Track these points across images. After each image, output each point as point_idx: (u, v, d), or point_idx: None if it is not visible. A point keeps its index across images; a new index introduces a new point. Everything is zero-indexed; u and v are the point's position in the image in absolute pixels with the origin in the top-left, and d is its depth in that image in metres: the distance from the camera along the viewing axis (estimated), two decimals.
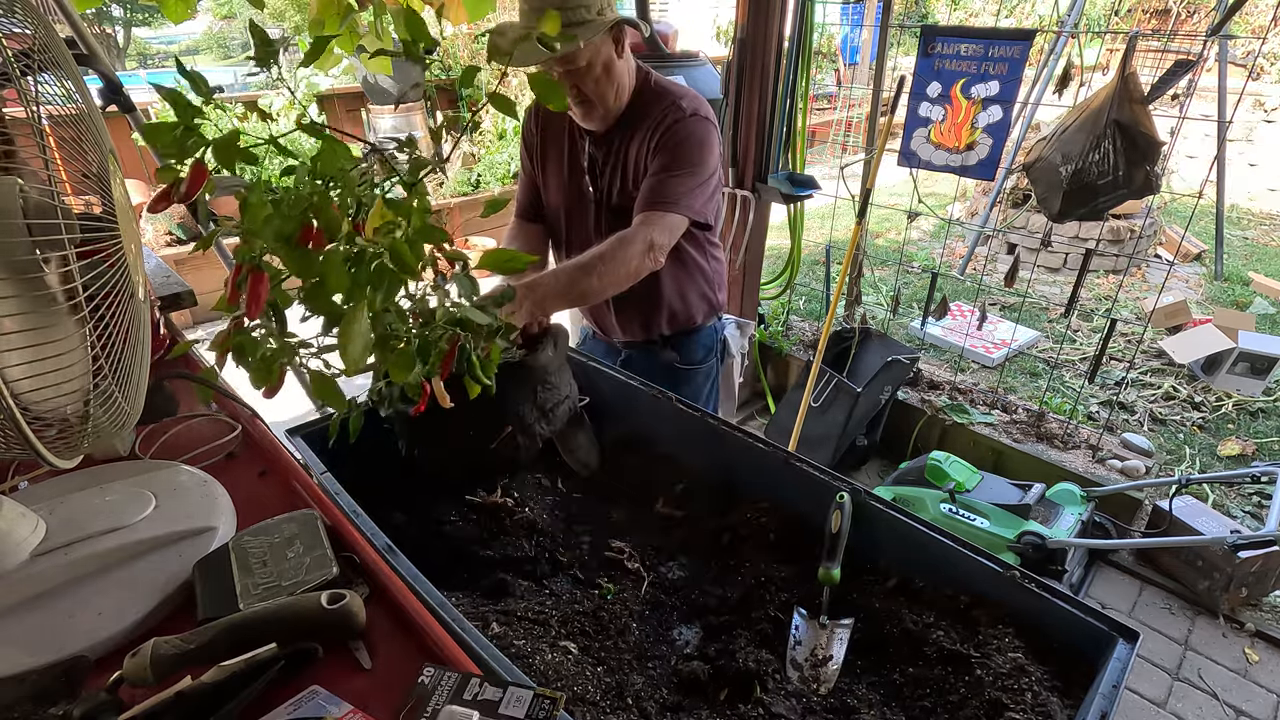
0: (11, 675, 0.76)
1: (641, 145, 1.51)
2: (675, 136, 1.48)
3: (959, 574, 1.06)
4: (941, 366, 3.55)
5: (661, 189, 1.47)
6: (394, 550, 0.99)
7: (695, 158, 1.49)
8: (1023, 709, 0.89)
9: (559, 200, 1.68)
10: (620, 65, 1.46)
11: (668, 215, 1.47)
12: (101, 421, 0.80)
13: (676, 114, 1.49)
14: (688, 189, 1.49)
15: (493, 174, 5.56)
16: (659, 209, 1.46)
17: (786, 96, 2.92)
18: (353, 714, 0.72)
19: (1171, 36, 4.25)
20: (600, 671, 0.99)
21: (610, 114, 1.51)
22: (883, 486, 2.63)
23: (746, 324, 2.08)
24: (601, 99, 1.47)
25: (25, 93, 0.70)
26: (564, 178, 1.65)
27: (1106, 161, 2.30)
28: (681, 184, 1.48)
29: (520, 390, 1.19)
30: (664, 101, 1.51)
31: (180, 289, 1.68)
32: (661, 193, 1.47)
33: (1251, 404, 3.36)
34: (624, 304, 1.71)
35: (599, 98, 1.46)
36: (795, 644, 1.04)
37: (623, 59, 1.47)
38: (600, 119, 1.51)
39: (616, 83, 1.47)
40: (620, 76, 1.47)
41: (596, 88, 1.44)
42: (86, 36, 1.83)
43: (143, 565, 0.91)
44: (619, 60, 1.45)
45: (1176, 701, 2.10)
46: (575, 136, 1.61)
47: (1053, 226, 3.07)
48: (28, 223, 0.69)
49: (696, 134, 1.49)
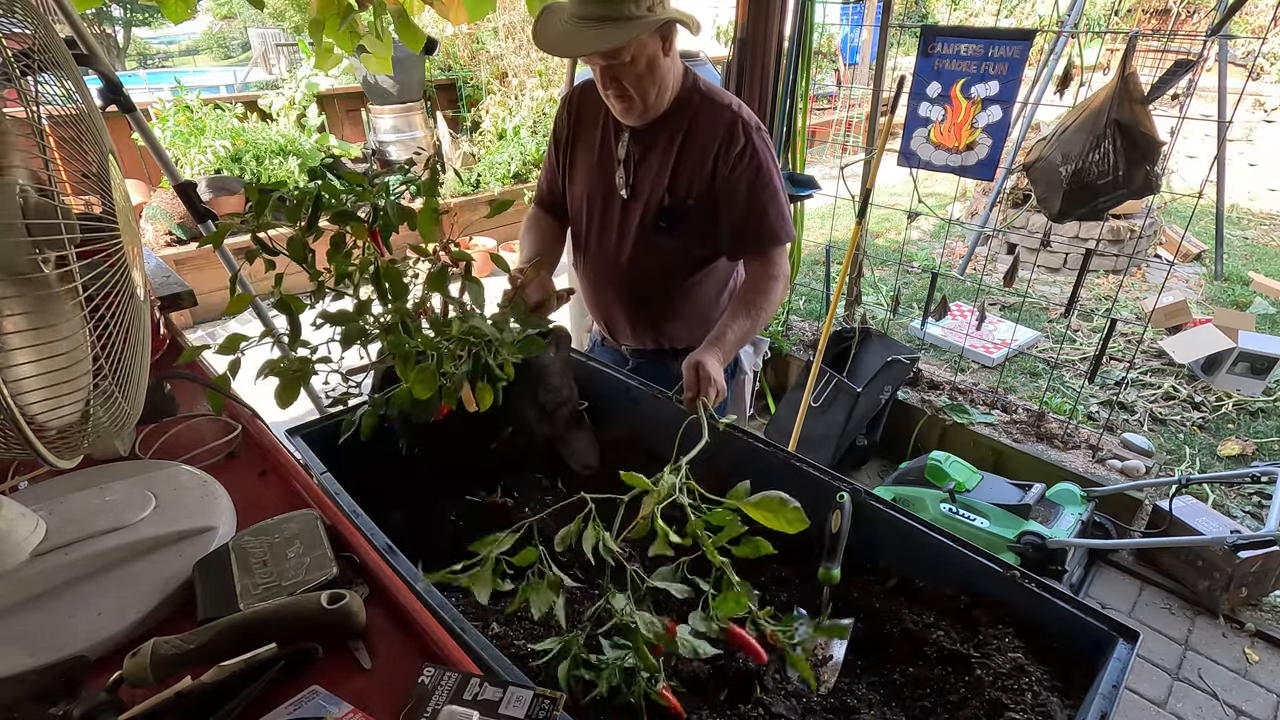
0: (11, 675, 0.76)
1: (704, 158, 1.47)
2: (756, 161, 1.47)
3: (959, 574, 1.06)
4: (941, 366, 3.55)
5: (771, 224, 1.50)
6: (394, 550, 0.99)
7: (777, 178, 1.51)
8: (1023, 709, 0.89)
9: (584, 191, 1.63)
10: (665, 64, 1.42)
11: (783, 248, 1.52)
12: (101, 421, 0.80)
13: (747, 131, 1.47)
14: (783, 214, 1.52)
15: (493, 174, 5.56)
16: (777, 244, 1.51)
17: (786, 96, 2.92)
18: (353, 714, 0.72)
19: (1171, 36, 4.25)
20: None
21: (650, 111, 1.47)
22: (883, 486, 2.63)
23: (761, 341, 2.02)
24: (642, 95, 1.42)
25: (25, 93, 0.70)
26: (593, 169, 1.61)
27: (1106, 161, 2.30)
28: (778, 213, 1.51)
29: (522, 392, 1.19)
30: (723, 112, 1.48)
31: (180, 289, 1.68)
32: (774, 228, 1.51)
33: (1251, 404, 3.36)
34: (640, 309, 1.67)
35: (640, 94, 1.42)
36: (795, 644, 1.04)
37: (669, 57, 1.43)
38: (639, 115, 1.47)
39: (660, 81, 1.43)
40: (664, 75, 1.43)
41: (639, 84, 1.40)
42: (86, 36, 1.82)
43: (143, 565, 0.91)
44: (665, 59, 1.42)
45: (1176, 701, 2.10)
46: (611, 130, 1.57)
47: (1053, 226, 3.07)
48: (28, 223, 0.69)
49: (770, 152, 1.50)
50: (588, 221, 1.65)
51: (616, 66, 1.36)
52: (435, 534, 1.23)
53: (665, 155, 1.51)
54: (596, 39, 1.29)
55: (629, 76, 1.38)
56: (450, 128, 5.94)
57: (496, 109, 5.94)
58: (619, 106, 1.46)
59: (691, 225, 1.52)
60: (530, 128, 5.83)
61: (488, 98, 6.01)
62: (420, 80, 5.62)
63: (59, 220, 0.70)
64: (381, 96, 5.41)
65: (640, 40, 1.33)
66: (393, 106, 5.44)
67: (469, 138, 5.90)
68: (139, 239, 0.93)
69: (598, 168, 1.59)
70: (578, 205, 1.66)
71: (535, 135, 5.81)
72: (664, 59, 1.41)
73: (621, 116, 1.49)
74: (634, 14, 1.29)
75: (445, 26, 5.76)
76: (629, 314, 1.69)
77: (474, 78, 6.18)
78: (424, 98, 5.77)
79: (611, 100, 1.45)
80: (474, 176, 5.55)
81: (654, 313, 1.66)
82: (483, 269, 5.18)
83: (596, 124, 1.59)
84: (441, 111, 5.99)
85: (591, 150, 1.60)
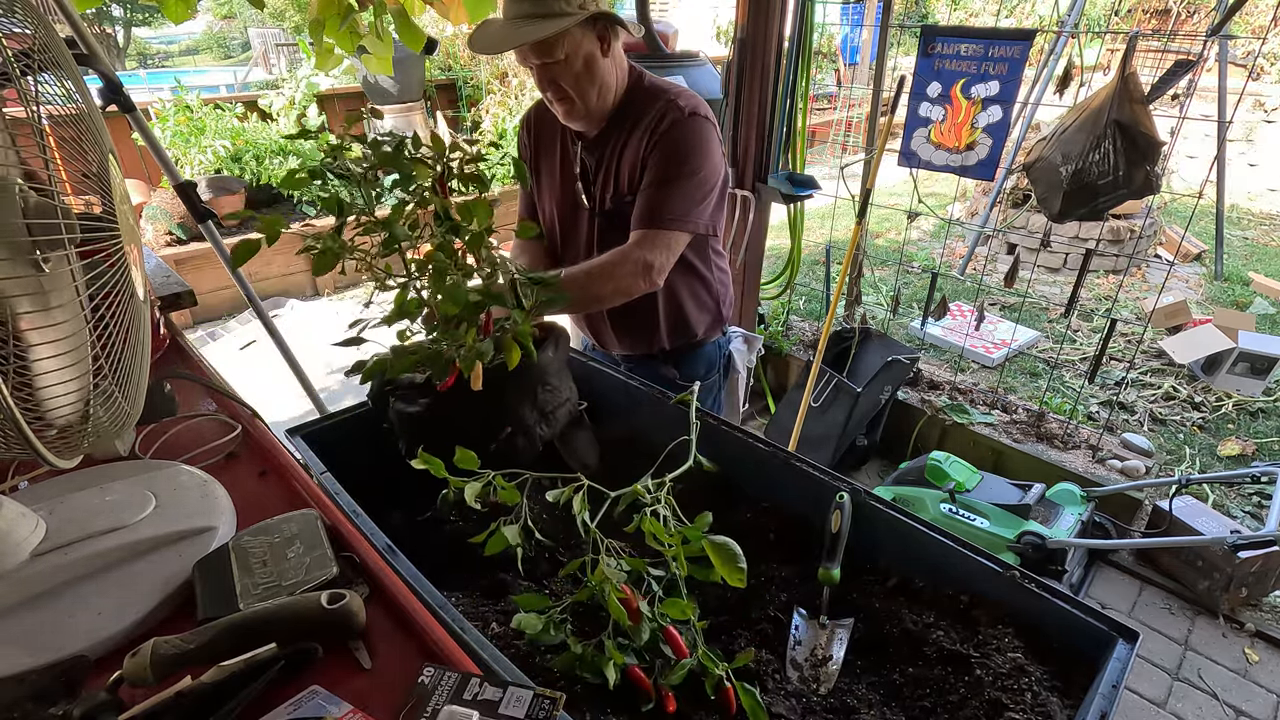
0: (11, 675, 0.76)
1: (637, 148, 1.45)
2: (671, 140, 1.40)
3: (959, 574, 1.06)
4: (941, 366, 3.55)
5: (660, 202, 1.40)
6: (394, 550, 0.99)
7: (695, 163, 1.41)
8: (1023, 709, 0.89)
9: (552, 209, 1.62)
10: (605, 63, 1.39)
11: (666, 233, 1.40)
12: (101, 421, 0.80)
13: (674, 114, 1.41)
14: (689, 200, 1.41)
15: (492, 174, 5.56)
16: (657, 226, 1.40)
17: (786, 96, 2.92)
18: (353, 714, 0.72)
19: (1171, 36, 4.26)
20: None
21: (593, 113, 1.45)
22: (883, 486, 2.63)
23: (755, 339, 1.98)
24: (581, 96, 1.40)
25: (25, 93, 0.70)
26: (557, 186, 1.59)
27: (1106, 161, 2.30)
28: (681, 195, 1.41)
29: (521, 392, 1.19)
30: (658, 101, 1.44)
31: (180, 289, 1.68)
32: (660, 207, 1.40)
33: (1251, 404, 3.36)
34: (619, 317, 1.64)
35: (578, 94, 1.40)
36: (795, 644, 1.04)
37: (609, 57, 1.40)
38: (583, 118, 1.45)
39: (599, 81, 1.40)
40: (604, 75, 1.40)
41: (576, 84, 1.38)
42: (86, 36, 1.82)
43: (143, 565, 0.91)
44: (604, 58, 1.39)
45: (1176, 701, 2.10)
46: (568, 142, 1.55)
47: (1053, 226, 3.07)
48: (28, 223, 0.69)
49: (694, 135, 1.41)
50: (560, 236, 1.64)
51: (553, 66, 1.36)
52: (435, 534, 1.23)
53: (615, 159, 1.49)
54: (527, 33, 1.29)
55: (566, 77, 1.37)
56: (450, 128, 5.94)
57: (496, 109, 5.95)
58: (560, 109, 1.44)
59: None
60: None
61: (488, 98, 6.01)
62: (420, 80, 5.62)
63: (59, 220, 0.70)
64: (382, 96, 5.41)
65: (575, 39, 1.33)
66: (393, 106, 5.44)
67: (469, 138, 5.91)
68: (139, 239, 0.93)
69: (560, 182, 1.59)
70: (549, 221, 1.65)
71: None
72: (602, 59, 1.39)
73: (565, 120, 1.48)
74: (564, 10, 1.29)
75: (445, 26, 5.76)
76: (610, 324, 1.68)
77: (474, 78, 6.18)
78: (424, 98, 5.77)
79: (553, 104, 1.44)
80: None
81: (634, 320, 1.64)
82: None
83: (555, 139, 1.58)
84: (441, 111, 6.00)
85: (553, 166, 1.59)
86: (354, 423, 1.37)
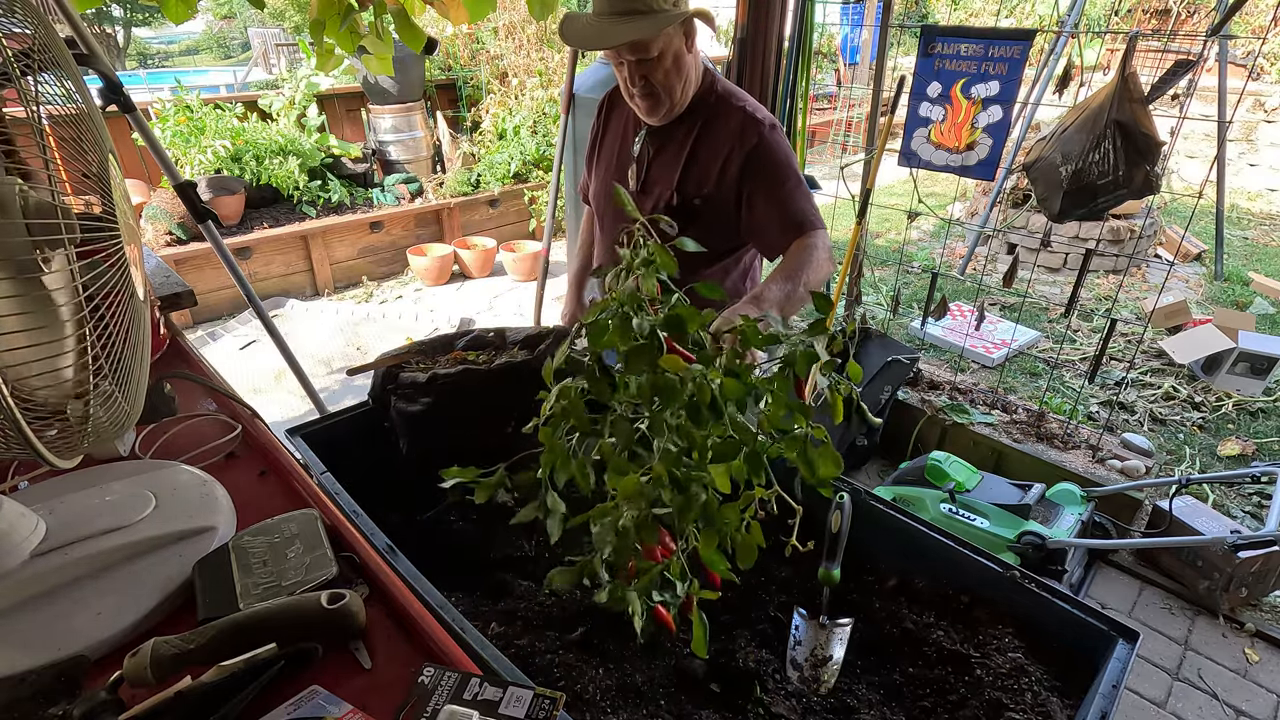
0: (11, 675, 0.76)
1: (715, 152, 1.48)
2: (771, 157, 1.45)
3: (959, 574, 1.06)
4: (941, 366, 3.55)
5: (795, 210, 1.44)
6: (394, 550, 0.99)
7: (791, 170, 1.48)
8: (1023, 709, 0.89)
9: (600, 188, 1.70)
10: (689, 59, 1.44)
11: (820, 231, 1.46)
12: (101, 421, 0.80)
13: (757, 128, 1.46)
14: (809, 201, 1.47)
15: (493, 174, 5.56)
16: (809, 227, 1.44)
17: (786, 96, 2.92)
18: (353, 714, 0.72)
19: (1171, 36, 4.26)
20: (600, 672, 0.99)
21: (676, 108, 1.48)
22: (883, 486, 2.63)
23: None
24: (669, 91, 1.44)
25: (25, 93, 0.70)
26: (611, 166, 1.65)
27: (1106, 161, 2.30)
28: (803, 198, 1.46)
29: (523, 392, 1.18)
30: (734, 112, 1.48)
31: (180, 289, 1.68)
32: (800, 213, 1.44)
33: (1251, 404, 3.36)
34: None
35: (667, 90, 1.43)
36: (795, 644, 1.04)
37: (692, 53, 1.45)
38: (665, 113, 1.48)
39: (685, 77, 1.45)
40: (688, 71, 1.45)
41: (666, 80, 1.42)
42: (86, 36, 1.82)
43: (142, 565, 0.91)
44: (688, 54, 1.43)
45: (1176, 701, 2.10)
46: (630, 128, 1.60)
47: (1053, 226, 3.07)
48: (28, 222, 0.69)
49: (782, 148, 1.48)
50: (602, 214, 1.71)
51: (646, 62, 1.38)
52: (435, 534, 1.23)
53: (678, 154, 1.52)
54: (628, 30, 1.32)
55: (657, 73, 1.40)
56: (450, 128, 5.93)
57: (496, 109, 5.94)
58: (644, 105, 1.47)
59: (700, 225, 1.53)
60: (530, 128, 5.83)
61: (488, 98, 6.00)
62: (420, 80, 5.61)
63: (59, 220, 0.70)
64: (382, 96, 5.41)
65: (668, 36, 1.36)
66: (393, 106, 5.44)
67: (469, 138, 5.90)
68: (139, 239, 0.93)
69: (615, 164, 1.64)
70: (598, 198, 1.72)
71: (535, 135, 5.81)
72: (687, 55, 1.43)
73: (646, 115, 1.50)
74: (661, 7, 1.32)
75: (445, 26, 5.76)
76: None
77: (474, 78, 6.18)
78: (424, 98, 5.77)
79: (637, 101, 1.47)
80: (474, 176, 5.55)
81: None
82: (483, 268, 5.18)
83: (621, 123, 1.64)
84: (441, 111, 5.99)
85: (613, 148, 1.65)
86: (354, 423, 1.37)
